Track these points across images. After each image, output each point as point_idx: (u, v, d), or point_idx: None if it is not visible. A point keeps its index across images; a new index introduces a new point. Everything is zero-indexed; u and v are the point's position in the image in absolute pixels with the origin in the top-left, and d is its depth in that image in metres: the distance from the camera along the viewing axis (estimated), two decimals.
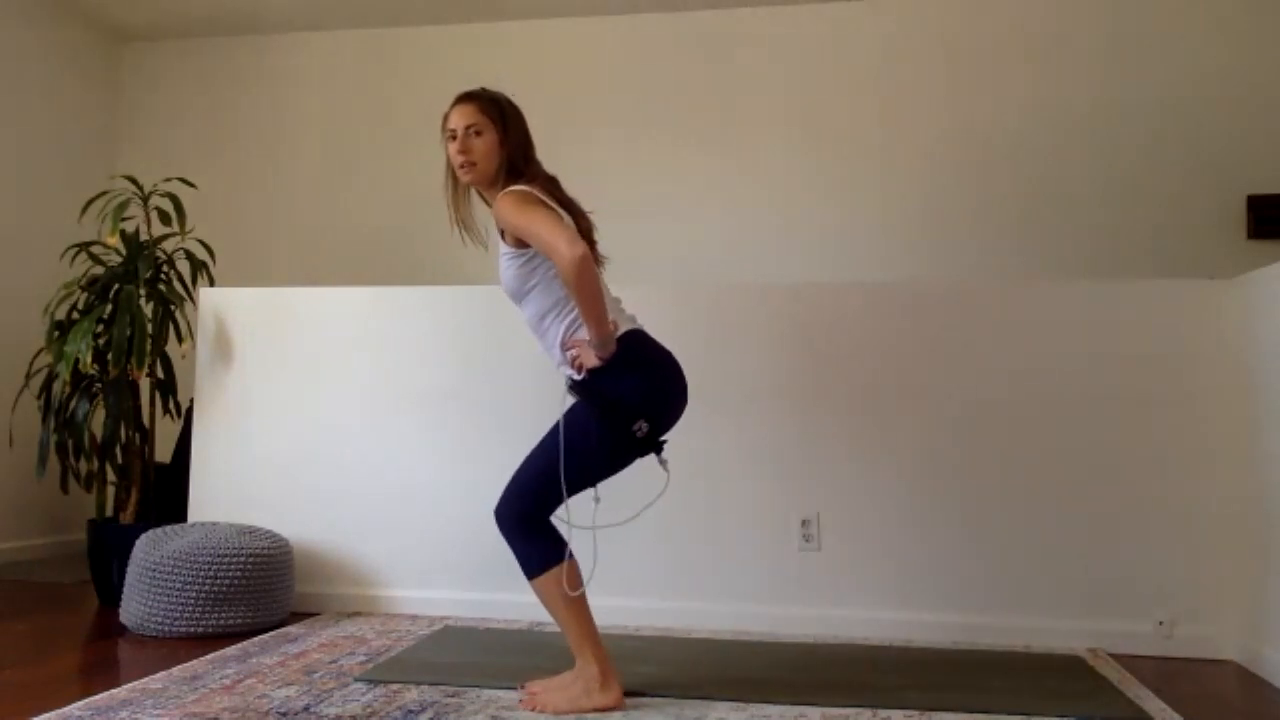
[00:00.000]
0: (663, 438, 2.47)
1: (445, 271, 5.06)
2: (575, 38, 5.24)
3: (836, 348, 3.40)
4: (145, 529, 3.45)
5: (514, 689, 2.54)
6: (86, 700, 2.39)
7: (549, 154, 2.64)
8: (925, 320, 3.39)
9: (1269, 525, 2.92)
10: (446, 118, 2.53)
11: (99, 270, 3.85)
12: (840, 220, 4.90)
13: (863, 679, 2.71)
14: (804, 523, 3.37)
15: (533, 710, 2.39)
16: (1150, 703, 2.55)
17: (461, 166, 2.48)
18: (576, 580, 2.45)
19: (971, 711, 2.44)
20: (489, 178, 2.48)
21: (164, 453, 4.15)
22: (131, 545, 3.35)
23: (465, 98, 2.53)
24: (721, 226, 4.99)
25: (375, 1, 5.16)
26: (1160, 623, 3.16)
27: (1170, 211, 4.64)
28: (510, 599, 3.47)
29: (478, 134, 2.47)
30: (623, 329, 2.44)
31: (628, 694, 2.48)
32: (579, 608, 2.44)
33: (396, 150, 5.33)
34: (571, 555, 2.47)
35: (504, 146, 2.48)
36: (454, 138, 2.49)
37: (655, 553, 3.36)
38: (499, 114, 2.50)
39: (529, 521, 2.47)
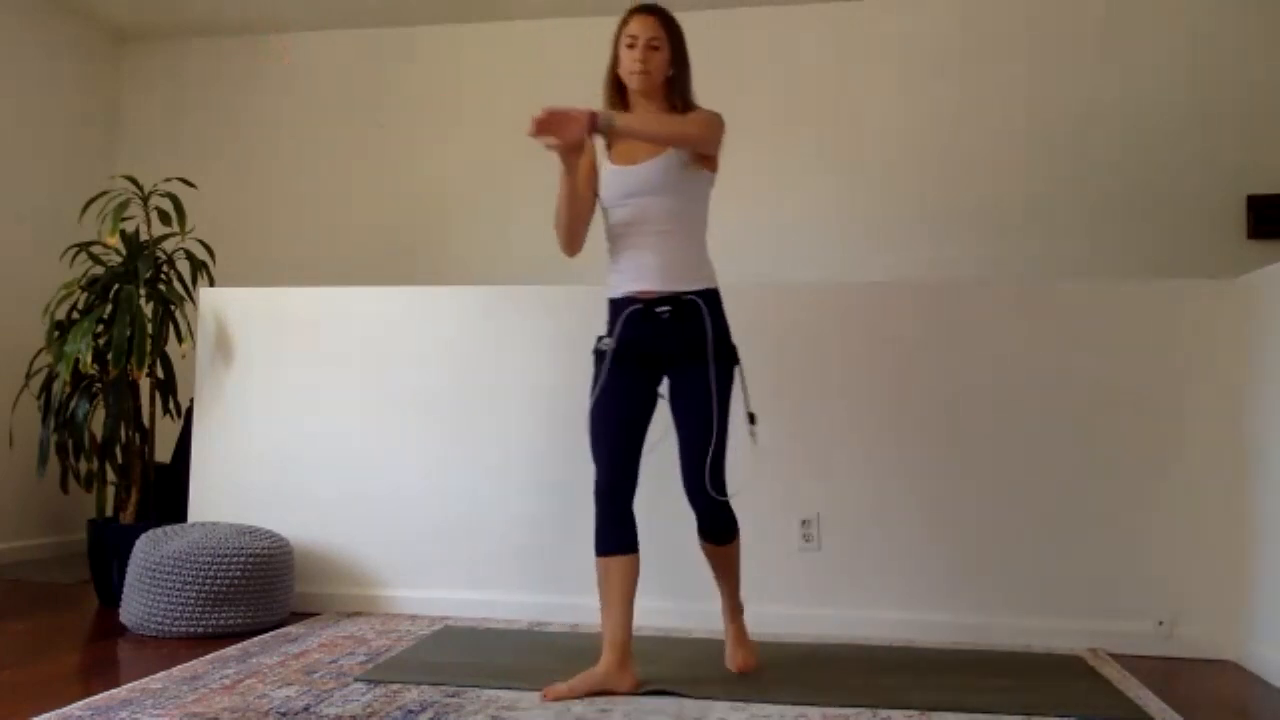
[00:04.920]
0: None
1: (445, 272, 5.07)
2: (575, 38, 5.23)
3: (836, 348, 3.40)
4: (145, 529, 3.44)
5: (514, 689, 2.55)
6: (86, 700, 2.39)
7: (549, 152, 2.64)
8: (925, 320, 3.39)
9: (1268, 525, 2.92)
10: (625, 23, 2.68)
11: (99, 270, 3.84)
12: (840, 221, 4.90)
13: (863, 679, 2.71)
14: (804, 523, 3.37)
15: (552, 698, 2.47)
16: (1150, 703, 2.55)
17: (634, 73, 2.64)
18: None
19: (971, 711, 2.44)
20: (655, 88, 2.67)
21: (164, 453, 4.15)
22: (131, 545, 3.35)
23: (647, 10, 2.68)
24: (721, 227, 4.95)
25: (375, 1, 5.16)
26: (1160, 623, 3.16)
27: (1170, 211, 4.64)
28: (510, 599, 3.47)
29: (655, 48, 2.64)
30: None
31: (627, 693, 2.51)
32: None
33: (397, 150, 5.33)
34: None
35: (672, 65, 2.67)
36: (632, 45, 2.64)
37: (655, 553, 3.34)
38: (675, 33, 2.68)
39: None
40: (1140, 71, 4.73)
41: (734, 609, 2.82)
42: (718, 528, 2.68)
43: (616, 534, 2.58)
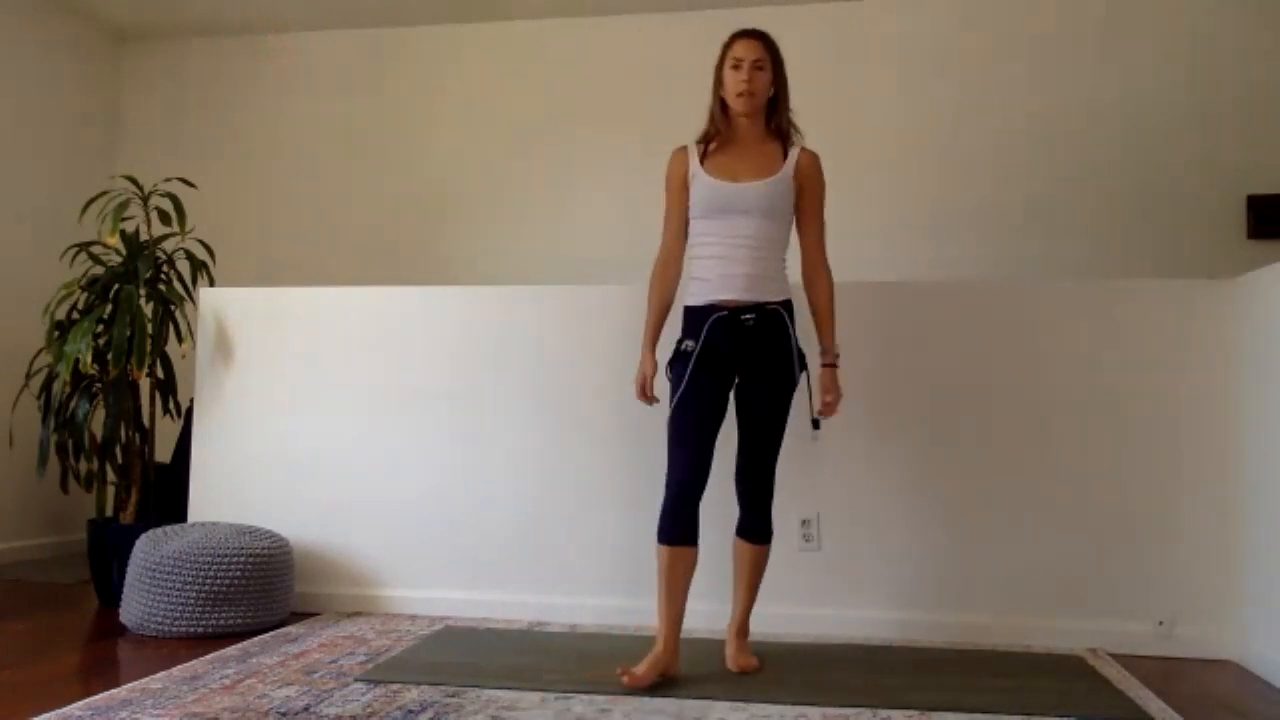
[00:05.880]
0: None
1: (445, 272, 5.07)
2: (575, 38, 5.24)
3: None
4: (145, 529, 3.45)
5: (514, 689, 2.55)
6: (86, 700, 2.40)
7: (549, 151, 2.64)
8: (925, 320, 3.39)
9: (1269, 525, 2.92)
10: (729, 46, 2.77)
11: (99, 270, 3.84)
12: (839, 221, 4.86)
13: (863, 679, 2.71)
14: (804, 523, 3.37)
15: (631, 682, 2.55)
16: (1150, 703, 2.55)
17: (741, 94, 2.73)
18: None
19: (971, 711, 2.45)
20: (758, 107, 2.78)
21: (164, 453, 4.15)
22: (131, 545, 3.35)
23: (752, 34, 2.78)
24: None
25: (375, 1, 5.16)
26: (1160, 623, 3.16)
27: (1170, 211, 4.64)
28: (510, 599, 3.47)
29: (759, 69, 2.74)
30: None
31: (626, 694, 2.51)
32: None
33: (396, 150, 5.33)
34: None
35: (774, 85, 2.78)
36: (737, 67, 2.73)
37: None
38: (777, 57, 2.79)
39: None
40: (1140, 71, 4.73)
41: (742, 625, 2.87)
42: (759, 528, 2.81)
43: (684, 526, 2.65)
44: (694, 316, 2.75)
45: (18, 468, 4.62)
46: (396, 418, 3.61)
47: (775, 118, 2.80)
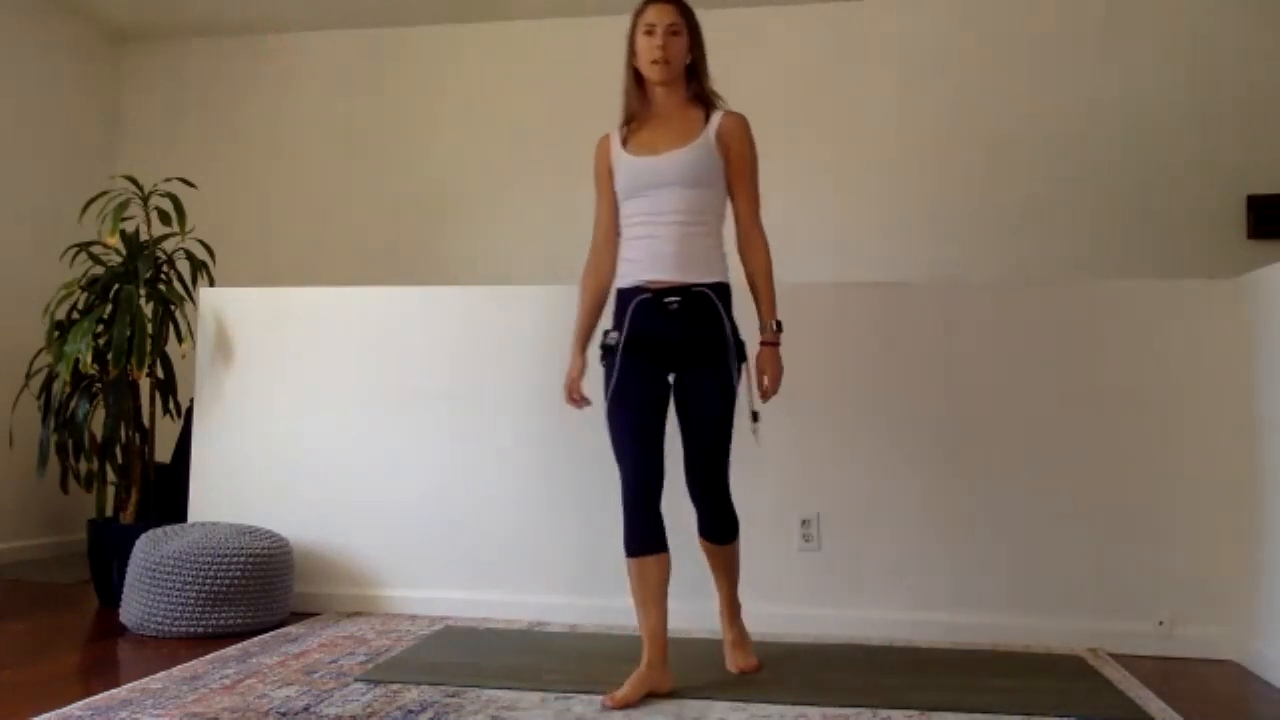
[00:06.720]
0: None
1: (445, 272, 5.07)
2: (575, 38, 5.24)
3: (835, 348, 3.40)
4: (145, 529, 3.45)
5: (514, 689, 2.55)
6: (86, 700, 2.40)
7: (549, 152, 2.64)
8: (926, 320, 3.39)
9: (1269, 525, 2.92)
10: (641, 13, 2.64)
11: (99, 270, 3.85)
12: (841, 221, 4.90)
13: (863, 679, 2.71)
14: (804, 523, 3.37)
15: (617, 705, 2.43)
16: (1150, 703, 2.55)
17: (655, 62, 2.60)
18: None
19: (971, 711, 2.44)
20: (675, 75, 2.65)
21: (164, 453, 4.15)
22: (131, 545, 3.35)
23: None
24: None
25: (375, 1, 5.16)
26: (1160, 623, 3.16)
27: (1170, 211, 4.64)
28: (510, 599, 3.47)
29: (675, 34, 2.61)
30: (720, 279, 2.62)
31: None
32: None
33: (396, 150, 5.33)
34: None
35: (691, 51, 2.66)
36: (650, 33, 2.61)
37: None
38: (693, 21, 2.66)
39: None
40: (1140, 71, 4.73)
41: (731, 611, 2.81)
42: (719, 527, 2.68)
43: (647, 534, 2.52)
44: (621, 300, 2.62)
45: (18, 468, 4.62)
46: (396, 418, 3.61)
47: (695, 85, 2.66)
